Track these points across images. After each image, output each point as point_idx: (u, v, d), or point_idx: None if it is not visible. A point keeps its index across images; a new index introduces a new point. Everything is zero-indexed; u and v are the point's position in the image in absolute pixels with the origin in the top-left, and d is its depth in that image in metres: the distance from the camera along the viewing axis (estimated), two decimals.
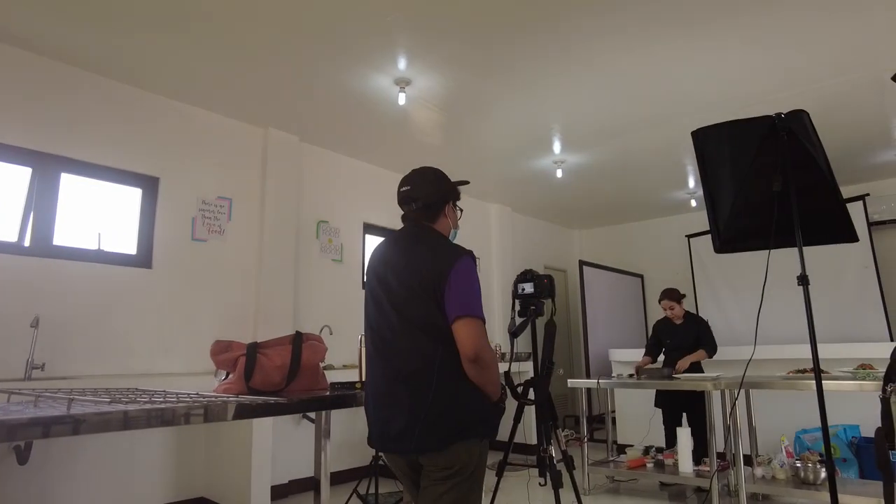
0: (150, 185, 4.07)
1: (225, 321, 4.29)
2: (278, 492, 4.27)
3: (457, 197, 2.02)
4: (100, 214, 3.85)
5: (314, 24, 3.30)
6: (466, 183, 2.07)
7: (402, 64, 3.77)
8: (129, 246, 3.95)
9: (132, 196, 4.02)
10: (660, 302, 4.91)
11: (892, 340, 5.45)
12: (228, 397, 1.95)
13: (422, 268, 1.73)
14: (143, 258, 3.98)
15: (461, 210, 2.09)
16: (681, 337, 4.79)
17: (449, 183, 1.99)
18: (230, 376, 2.21)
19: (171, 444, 3.87)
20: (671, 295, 4.85)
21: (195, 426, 3.97)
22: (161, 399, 1.77)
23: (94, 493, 3.46)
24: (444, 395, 1.67)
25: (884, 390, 1.69)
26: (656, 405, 4.84)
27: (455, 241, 1.93)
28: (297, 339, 2.32)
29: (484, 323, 1.73)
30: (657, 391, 4.83)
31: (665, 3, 3.19)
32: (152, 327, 3.92)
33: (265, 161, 4.71)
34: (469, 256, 1.78)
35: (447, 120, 4.68)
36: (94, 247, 3.75)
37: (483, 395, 1.74)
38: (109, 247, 3.84)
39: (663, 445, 4.74)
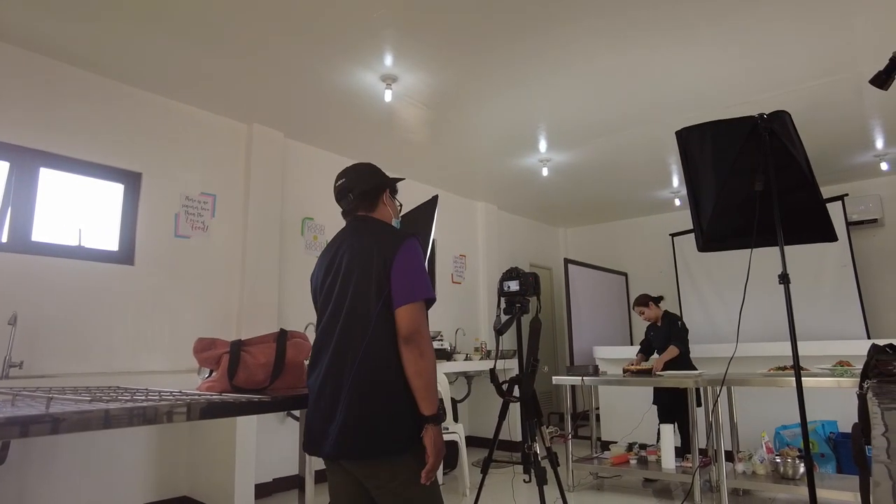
0: (132, 181, 4.02)
1: (208, 318, 4.25)
2: (262, 490, 4.24)
3: (393, 188, 1.99)
4: (80, 210, 3.79)
5: (300, 19, 3.27)
6: (402, 179, 2.05)
7: (388, 61, 3.75)
8: (111, 242, 3.90)
9: (114, 191, 3.96)
10: (633, 308, 5.19)
11: (869, 338, 5.55)
12: (212, 395, 1.94)
13: (368, 249, 1.71)
14: (125, 255, 3.92)
15: (401, 204, 2.05)
16: (659, 338, 4.98)
17: (384, 174, 1.97)
18: (213, 374, 2.19)
19: (153, 443, 3.83)
20: (638, 301, 5.13)
21: (178, 425, 3.93)
22: (143, 397, 1.75)
23: (73, 493, 3.41)
24: (366, 398, 1.59)
25: (861, 387, 1.72)
26: (654, 402, 4.93)
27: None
28: (282, 336, 2.31)
29: (429, 303, 1.69)
30: (654, 390, 4.92)
31: (650, 5, 3.21)
32: (134, 325, 3.87)
33: (250, 157, 4.66)
34: (412, 239, 1.75)
35: (433, 117, 4.67)
36: (74, 243, 3.69)
37: (412, 405, 1.61)
38: (90, 243, 3.78)
39: (647, 442, 4.80)
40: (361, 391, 1.60)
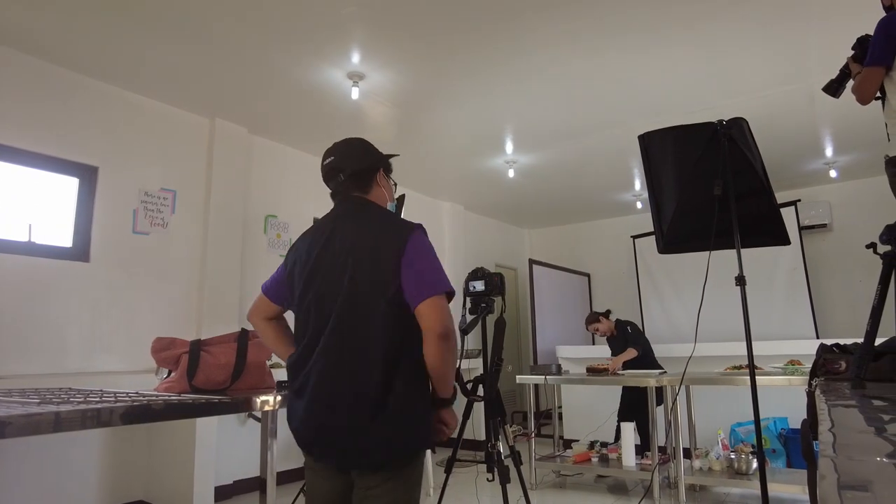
0: (87, 175, 3.88)
1: (167, 317, 4.14)
2: (222, 493, 4.16)
3: (388, 166, 1.81)
4: (31, 204, 3.64)
5: (266, 12, 3.22)
6: (396, 155, 1.86)
7: (355, 58, 3.72)
8: (65, 238, 3.76)
9: (68, 186, 3.82)
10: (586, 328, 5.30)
11: (818, 338, 5.77)
12: (170, 396, 1.89)
13: (369, 250, 1.54)
14: (80, 251, 3.79)
15: (395, 184, 1.86)
16: (618, 346, 5.08)
17: (377, 152, 1.78)
18: (172, 374, 2.14)
19: (108, 447, 3.71)
20: (589, 319, 5.27)
21: (134, 427, 3.82)
22: (97, 399, 1.70)
23: (21, 501, 3.27)
24: (391, 402, 1.46)
25: (809, 384, 1.79)
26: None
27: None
28: (243, 336, 2.27)
29: (450, 296, 1.57)
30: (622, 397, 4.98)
31: (618, 12, 3.27)
32: (89, 323, 3.74)
33: (212, 152, 4.56)
34: (421, 230, 1.60)
35: (401, 116, 4.66)
36: (24, 238, 3.55)
37: (423, 411, 1.54)
38: (41, 239, 3.64)
39: (608, 440, 4.88)
40: (374, 398, 1.46)
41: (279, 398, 2.15)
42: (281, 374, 2.77)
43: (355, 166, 1.70)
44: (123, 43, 3.49)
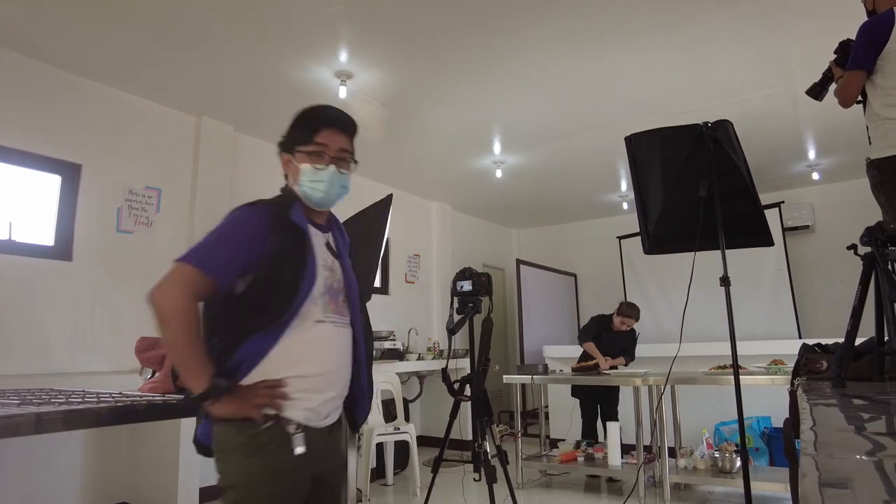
0: (70, 172, 3.83)
1: (151, 317, 4.09)
2: (207, 493, 4.11)
3: (300, 142, 1.63)
4: (11, 202, 3.58)
5: (253, 9, 3.19)
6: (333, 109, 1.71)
7: (343, 57, 3.71)
8: (46, 237, 3.70)
9: (50, 183, 3.76)
10: (619, 314, 4.87)
11: (800, 338, 5.85)
12: (154, 396, 1.87)
13: None
14: (62, 250, 3.73)
15: (317, 168, 1.62)
16: (617, 343, 4.94)
17: (295, 122, 1.67)
18: (157, 374, 2.12)
19: (90, 448, 3.66)
20: (630, 309, 4.86)
21: (117, 428, 3.77)
22: (79, 399, 1.67)
23: None
24: None
25: (792, 384, 1.82)
26: (573, 395, 5.00)
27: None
28: None
29: (195, 269, 1.45)
30: (573, 385, 4.98)
31: (604, 15, 3.29)
32: (71, 323, 3.69)
33: (198, 151, 4.52)
34: (245, 207, 1.59)
35: (389, 116, 4.65)
36: (3, 237, 3.49)
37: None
38: (22, 237, 3.58)
39: (581, 437, 4.90)
40: None
41: None
42: None
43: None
44: (108, 39, 3.45)
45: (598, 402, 4.84)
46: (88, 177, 3.89)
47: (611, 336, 5.00)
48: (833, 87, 2.42)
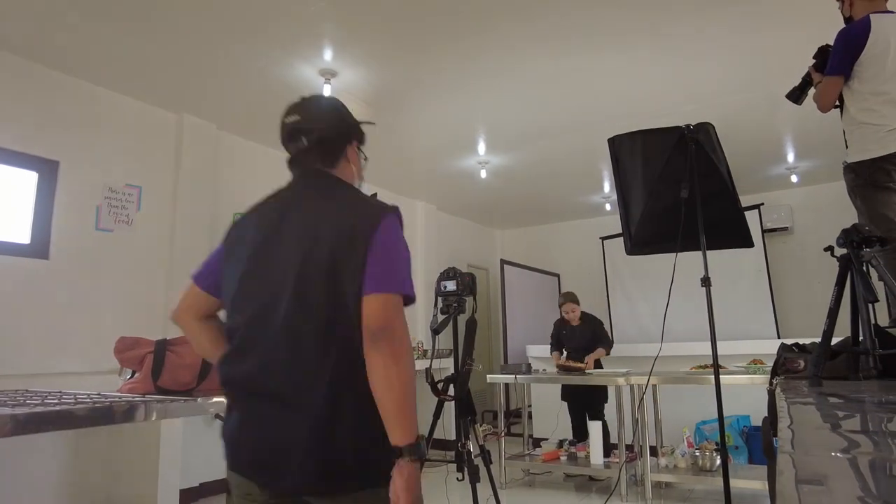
0: (47, 169, 3.75)
1: (131, 317, 4.04)
2: (188, 496, 4.07)
3: (362, 137, 1.52)
4: None
5: (236, 6, 3.16)
6: (372, 123, 1.56)
7: (327, 55, 3.69)
8: (22, 234, 3.63)
9: (26, 180, 3.69)
10: (561, 306, 5.12)
11: (779, 338, 5.94)
12: (133, 397, 1.85)
13: (331, 223, 1.25)
14: (39, 248, 3.66)
15: (366, 158, 1.54)
16: (579, 338, 5.04)
17: (351, 117, 1.49)
18: (136, 375, 2.09)
19: (67, 451, 3.59)
20: (573, 298, 5.08)
21: (94, 429, 3.71)
22: (55, 401, 1.65)
23: None
24: (343, 414, 1.17)
25: (770, 383, 1.85)
26: (562, 399, 5.04)
27: None
28: None
29: (407, 300, 1.23)
30: (563, 386, 5.03)
31: (589, 16, 3.32)
32: (48, 323, 3.62)
33: (179, 148, 4.46)
34: (395, 214, 1.31)
35: (373, 115, 4.63)
36: None
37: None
38: None
39: (573, 438, 4.94)
40: (325, 409, 1.16)
41: None
42: None
43: (325, 131, 1.41)
44: (87, 34, 3.39)
45: (585, 403, 4.87)
46: (66, 174, 3.82)
47: (570, 332, 5.10)
48: (812, 91, 2.46)
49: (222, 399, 2.01)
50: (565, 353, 5.12)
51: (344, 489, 1.19)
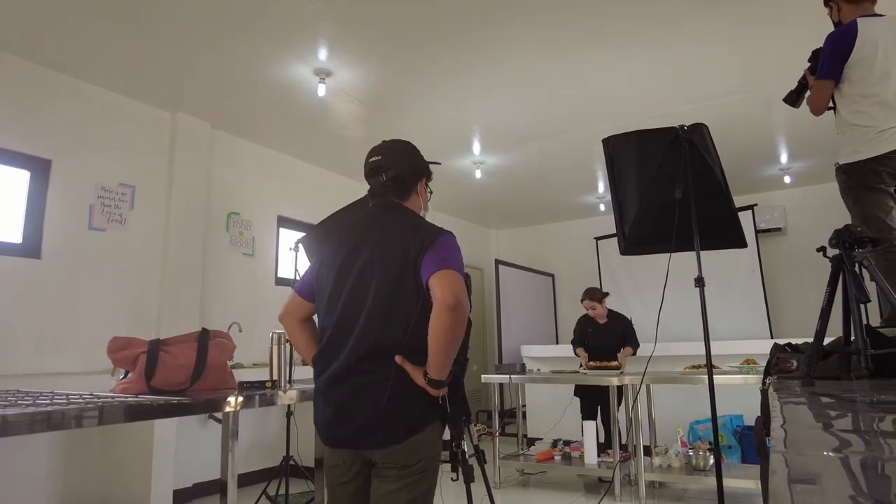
0: (39, 168, 3.73)
1: (125, 317, 4.02)
2: (181, 496, 4.06)
3: (430, 175, 1.87)
4: None
5: (231, 5, 3.15)
6: (438, 163, 1.90)
7: (322, 55, 3.68)
8: (14, 234, 3.61)
9: (18, 179, 3.66)
10: (582, 301, 5.00)
11: (772, 338, 5.97)
12: (126, 397, 1.83)
13: (401, 242, 1.58)
14: (31, 247, 3.64)
15: (431, 192, 1.91)
16: (606, 336, 4.90)
17: (422, 158, 1.84)
18: (129, 375, 2.08)
19: (59, 451, 3.57)
20: (592, 295, 4.95)
21: (87, 430, 3.69)
22: (47, 401, 1.63)
23: None
24: (406, 382, 1.54)
25: (763, 383, 1.86)
26: (575, 394, 5.01)
27: None
28: (204, 336, 2.22)
29: (468, 281, 1.58)
30: (577, 385, 4.99)
31: (585, 17, 3.32)
32: (40, 322, 3.60)
33: (173, 147, 4.45)
34: (452, 235, 1.67)
35: (368, 114, 4.63)
36: None
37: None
38: None
39: (571, 438, 4.95)
40: (396, 390, 1.53)
41: (241, 399, 2.11)
42: (241, 375, 2.71)
43: (400, 169, 1.73)
44: (80, 32, 3.37)
45: (597, 402, 4.84)
46: (59, 173, 3.80)
47: (596, 330, 4.99)
48: (808, 94, 2.47)
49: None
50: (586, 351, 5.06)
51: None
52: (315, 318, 1.76)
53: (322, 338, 1.66)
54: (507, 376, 4.69)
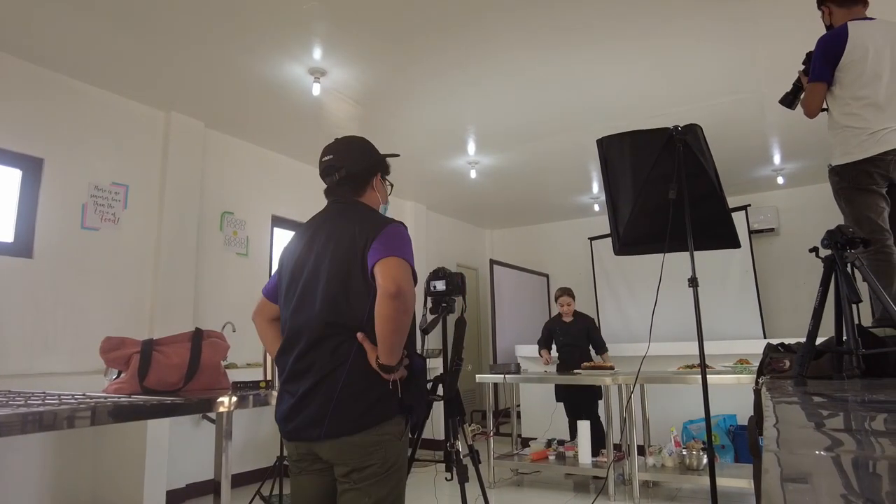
0: (32, 167, 3.71)
1: (118, 317, 4.00)
2: (175, 497, 4.04)
3: (386, 169, 1.86)
4: None
5: (226, 4, 3.14)
6: (396, 155, 1.90)
7: (317, 54, 3.67)
8: (5, 233, 3.58)
9: (10, 178, 3.64)
10: (557, 299, 5.20)
11: (765, 338, 6.00)
12: (119, 397, 1.83)
13: (350, 233, 1.61)
14: (23, 246, 3.62)
15: (391, 185, 1.92)
16: (573, 334, 5.11)
17: (377, 153, 1.83)
18: (122, 375, 2.07)
19: (50, 453, 3.55)
20: (565, 291, 5.19)
21: (80, 431, 3.67)
22: (39, 401, 1.62)
23: None
24: (361, 369, 1.54)
25: (756, 382, 1.87)
26: (558, 400, 5.06)
27: None
28: (197, 336, 2.22)
29: (413, 271, 1.59)
30: (556, 387, 5.05)
31: (579, 18, 3.33)
32: (31, 322, 3.58)
33: (167, 147, 4.43)
34: (401, 225, 1.68)
35: (363, 114, 4.62)
36: None
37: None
38: None
39: (566, 438, 4.96)
40: (351, 378, 1.53)
41: (234, 399, 2.10)
42: (235, 375, 2.71)
43: (351, 168, 1.74)
44: (73, 30, 3.35)
45: (579, 402, 4.88)
46: (51, 171, 3.78)
47: (563, 330, 5.16)
48: (803, 96, 2.49)
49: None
50: (554, 348, 5.16)
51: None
52: None
53: (283, 334, 1.70)
54: (502, 376, 4.70)
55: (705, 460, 4.02)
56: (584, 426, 4.47)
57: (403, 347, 1.59)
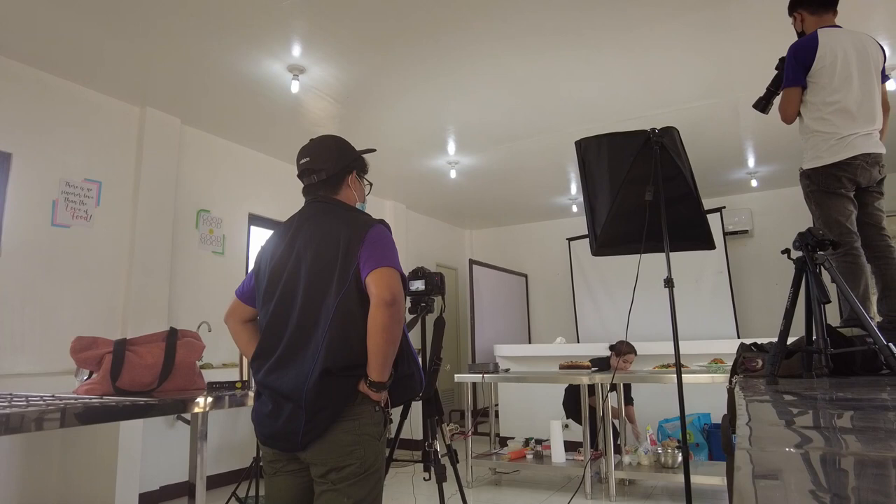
0: None
1: (90, 316, 3.91)
2: (147, 499, 3.97)
3: (363, 168, 1.87)
4: None
5: None
6: (373, 150, 1.92)
7: (296, 51, 3.64)
8: None
9: None
10: (617, 354, 4.57)
11: (739, 338, 6.11)
12: (90, 399, 1.79)
13: (332, 232, 1.61)
14: None
15: (370, 184, 1.95)
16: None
17: (353, 151, 1.85)
18: (94, 376, 2.02)
19: (18, 455, 3.46)
20: (626, 348, 4.52)
21: (48, 433, 3.59)
22: (6, 403, 1.58)
23: None
24: (330, 391, 1.51)
25: (730, 381, 1.90)
26: (569, 416, 5.04)
27: None
28: (172, 335, 2.18)
29: (403, 277, 1.60)
30: (566, 407, 5.00)
31: (559, 20, 3.35)
32: None
33: (141, 143, 4.34)
34: (382, 224, 1.68)
35: (342, 112, 4.59)
36: None
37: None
38: None
39: (543, 437, 4.98)
40: (326, 382, 1.50)
41: (210, 400, 2.07)
42: (211, 376, 2.67)
43: (329, 169, 1.75)
44: (44, 21, 3.27)
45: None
46: (19, 167, 3.68)
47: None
48: (777, 100, 2.54)
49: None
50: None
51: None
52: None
53: (260, 336, 1.67)
54: (481, 375, 4.71)
55: (680, 458, 4.08)
56: (556, 426, 4.50)
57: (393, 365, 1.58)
